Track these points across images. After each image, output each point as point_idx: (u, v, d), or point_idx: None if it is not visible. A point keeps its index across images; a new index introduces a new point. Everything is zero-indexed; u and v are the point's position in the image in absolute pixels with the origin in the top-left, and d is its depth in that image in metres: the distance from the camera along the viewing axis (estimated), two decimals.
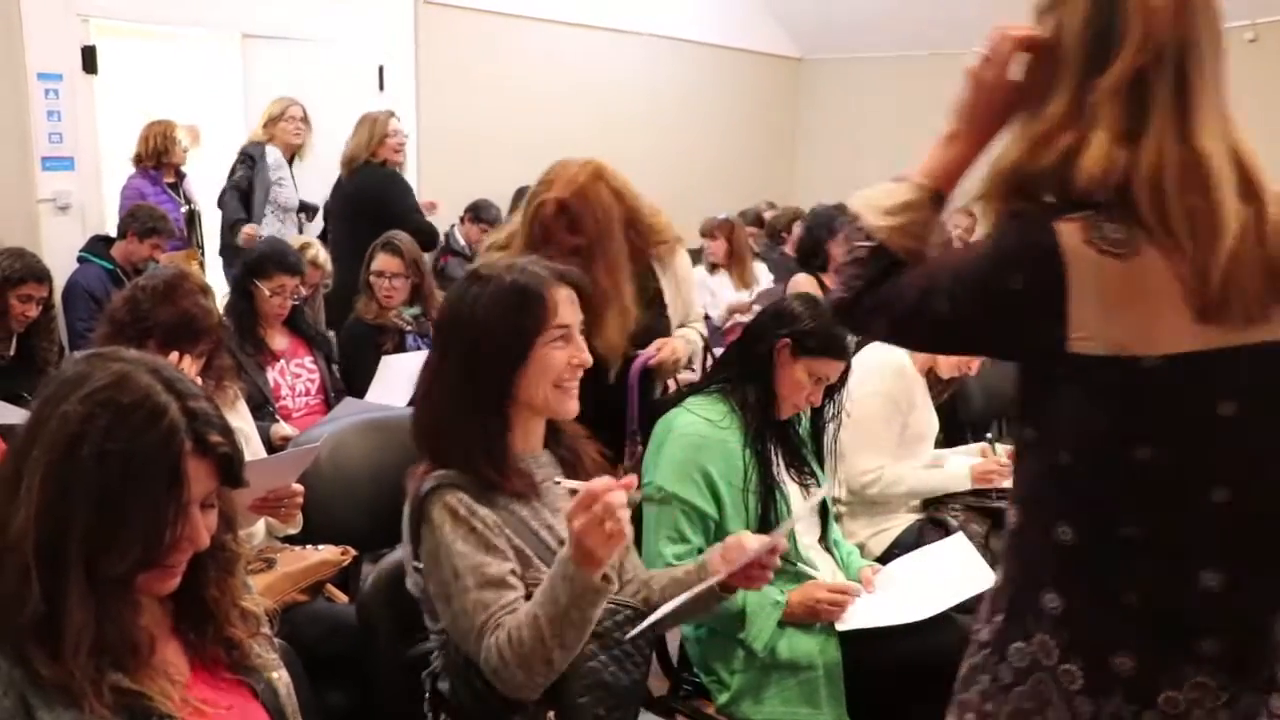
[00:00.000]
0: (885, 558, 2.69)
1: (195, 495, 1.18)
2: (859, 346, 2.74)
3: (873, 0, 7.85)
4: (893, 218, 1.34)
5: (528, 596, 1.57)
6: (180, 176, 5.42)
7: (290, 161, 5.36)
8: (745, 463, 2.23)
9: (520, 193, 6.48)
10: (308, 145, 5.40)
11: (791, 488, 2.34)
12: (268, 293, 3.46)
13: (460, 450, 1.64)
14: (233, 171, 5.31)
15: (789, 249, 6.15)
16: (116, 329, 2.39)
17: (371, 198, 4.76)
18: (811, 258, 4.69)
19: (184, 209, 5.36)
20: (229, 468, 1.21)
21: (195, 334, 2.40)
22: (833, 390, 2.35)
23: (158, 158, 5.24)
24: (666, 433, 2.26)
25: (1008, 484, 2.89)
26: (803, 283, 4.70)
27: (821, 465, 2.46)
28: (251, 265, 3.53)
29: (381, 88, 6.06)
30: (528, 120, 6.75)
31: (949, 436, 4.13)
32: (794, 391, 2.27)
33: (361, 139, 4.81)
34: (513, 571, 1.59)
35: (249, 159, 5.28)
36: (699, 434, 2.22)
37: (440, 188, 6.28)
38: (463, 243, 6.16)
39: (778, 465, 2.31)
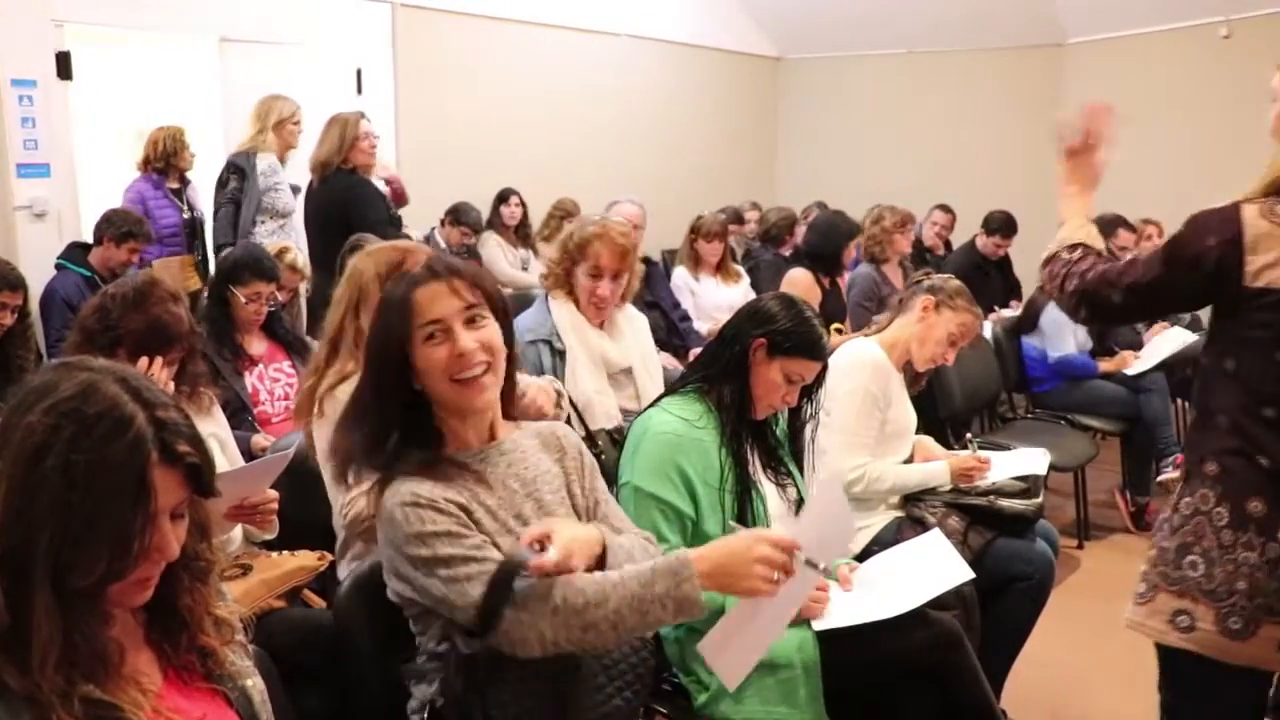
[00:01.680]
0: (864, 555, 2.70)
1: (163, 505, 1.16)
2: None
3: (848, 1, 7.86)
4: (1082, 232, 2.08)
5: None
6: (185, 183, 5.38)
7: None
8: (721, 462, 2.23)
9: (502, 195, 6.51)
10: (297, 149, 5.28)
11: (768, 487, 2.34)
12: (243, 299, 3.46)
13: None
14: (223, 183, 5.14)
15: (787, 250, 6.16)
16: (86, 337, 2.37)
17: (341, 205, 4.57)
18: (820, 259, 4.74)
19: (185, 215, 5.33)
20: (198, 477, 1.20)
21: (166, 341, 2.39)
22: (809, 390, 2.35)
23: (166, 160, 5.22)
24: (643, 432, 2.26)
25: (986, 481, 2.92)
26: (799, 279, 4.72)
27: (798, 465, 2.46)
28: (226, 271, 3.53)
29: (360, 90, 6.07)
30: (507, 122, 6.76)
31: (929, 433, 4.16)
32: (769, 391, 2.27)
33: (332, 143, 4.62)
34: (488, 544, 1.61)
35: (239, 170, 5.12)
36: (675, 433, 2.22)
37: (419, 190, 6.24)
38: (444, 245, 6.15)
39: (754, 464, 2.31)
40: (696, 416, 2.27)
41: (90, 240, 4.81)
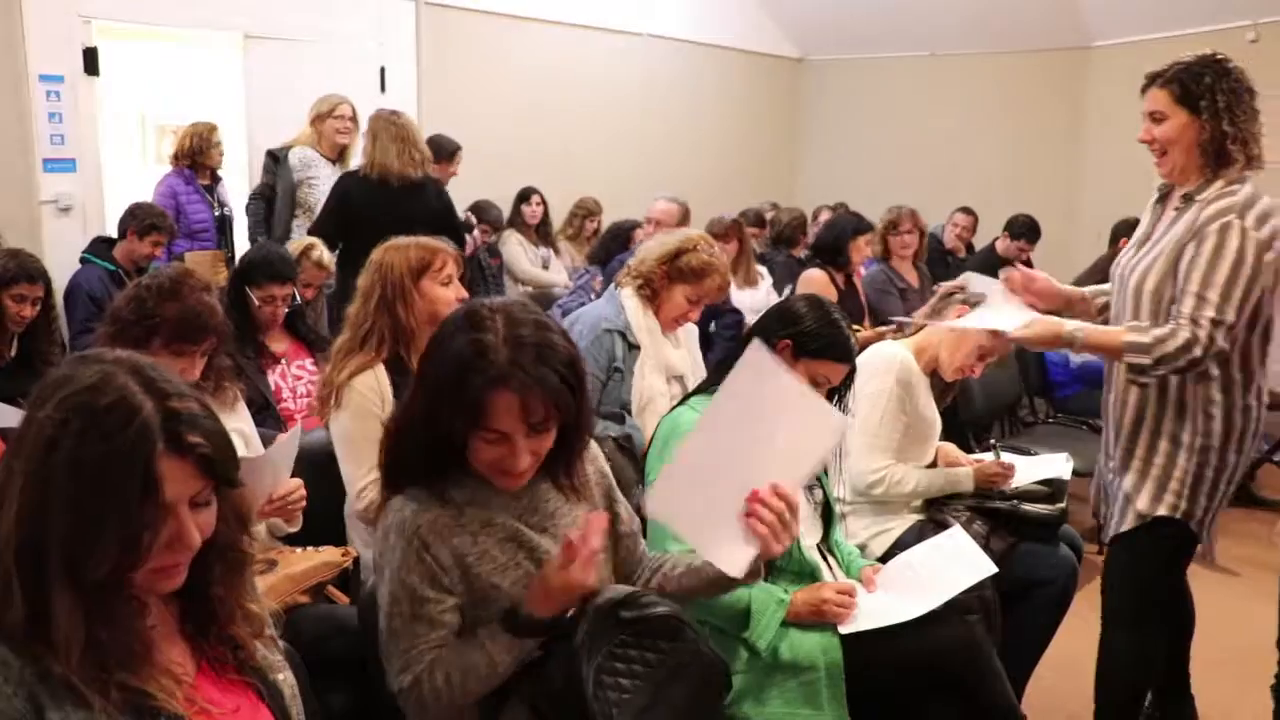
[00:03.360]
0: (887, 558, 2.68)
1: (176, 495, 1.17)
2: (862, 347, 2.75)
3: (872, 2, 7.83)
4: None
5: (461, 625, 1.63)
6: (215, 180, 5.41)
7: (336, 161, 5.20)
8: None
9: (524, 194, 6.52)
10: (354, 145, 5.21)
11: None
12: (257, 301, 3.46)
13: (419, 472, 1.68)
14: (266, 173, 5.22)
15: (800, 251, 6.16)
16: (121, 328, 2.37)
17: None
18: (831, 255, 4.75)
19: (216, 212, 5.36)
20: (212, 467, 1.20)
21: (201, 330, 2.39)
22: (837, 393, 2.35)
23: (192, 158, 5.25)
24: (671, 430, 2.27)
25: (1009, 486, 2.91)
26: (815, 278, 4.73)
27: (825, 467, 2.45)
28: (242, 272, 3.54)
29: (384, 88, 6.09)
30: (529, 120, 6.77)
31: (950, 437, 4.14)
32: None
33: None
34: (456, 608, 1.63)
35: (274, 160, 5.17)
36: None
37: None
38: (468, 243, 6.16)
39: None
40: None
41: (114, 235, 4.86)
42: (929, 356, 3.00)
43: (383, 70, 6.12)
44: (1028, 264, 6.12)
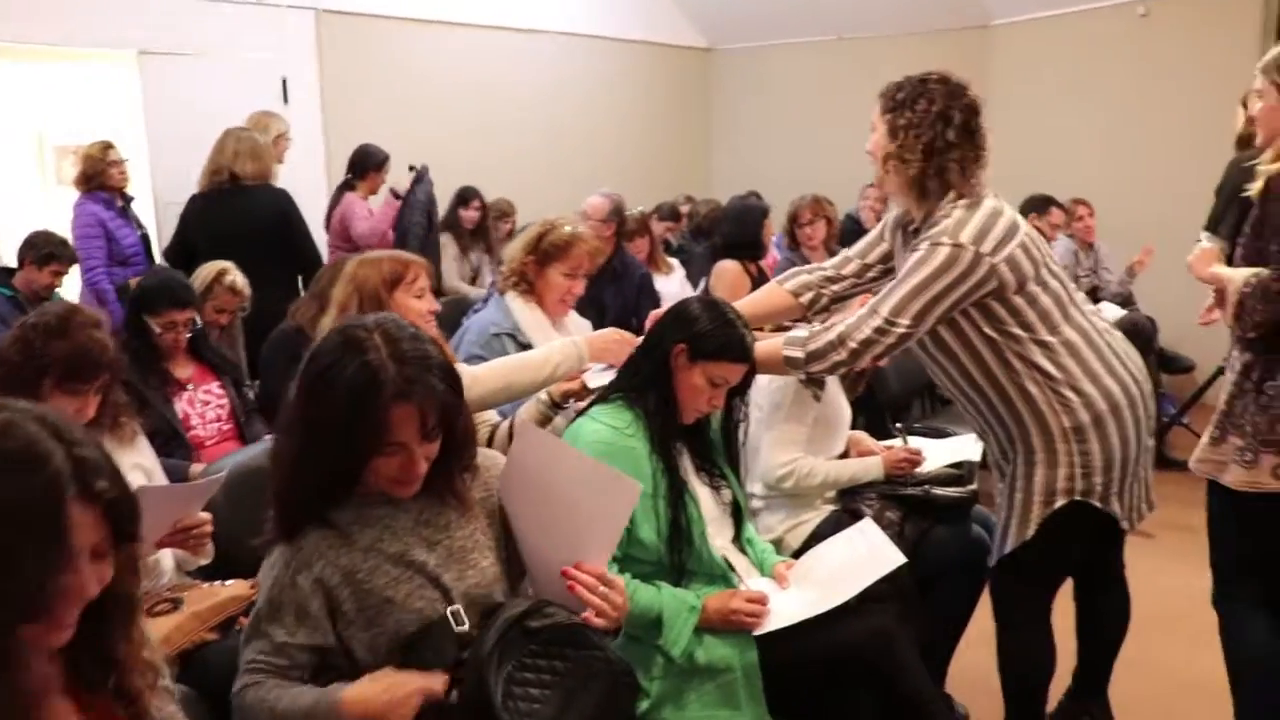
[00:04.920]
0: (803, 551, 2.71)
1: (81, 544, 1.15)
2: None
3: None
4: None
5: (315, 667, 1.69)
6: (127, 200, 5.26)
7: None
8: (653, 469, 2.24)
9: (462, 195, 6.41)
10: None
11: (702, 491, 2.35)
12: (157, 329, 3.38)
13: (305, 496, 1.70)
14: None
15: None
16: (10, 369, 2.31)
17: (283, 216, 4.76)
18: (741, 246, 4.75)
19: (140, 233, 5.24)
20: (118, 516, 1.18)
21: (93, 367, 2.35)
22: (738, 391, 2.36)
23: (89, 181, 5.06)
24: (573, 442, 2.25)
25: (920, 471, 2.95)
26: (727, 269, 4.73)
27: (733, 466, 2.47)
28: (140, 300, 3.45)
29: (286, 99, 5.99)
30: (434, 123, 6.71)
31: (868, 420, 4.19)
32: (694, 396, 2.27)
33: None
34: (306, 648, 1.67)
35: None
36: (605, 442, 2.22)
37: None
38: None
39: (685, 469, 2.32)
40: (625, 424, 2.27)
41: (10, 263, 4.73)
42: None
43: (284, 81, 6.04)
44: None
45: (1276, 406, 2.32)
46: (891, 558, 2.27)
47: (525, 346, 3.04)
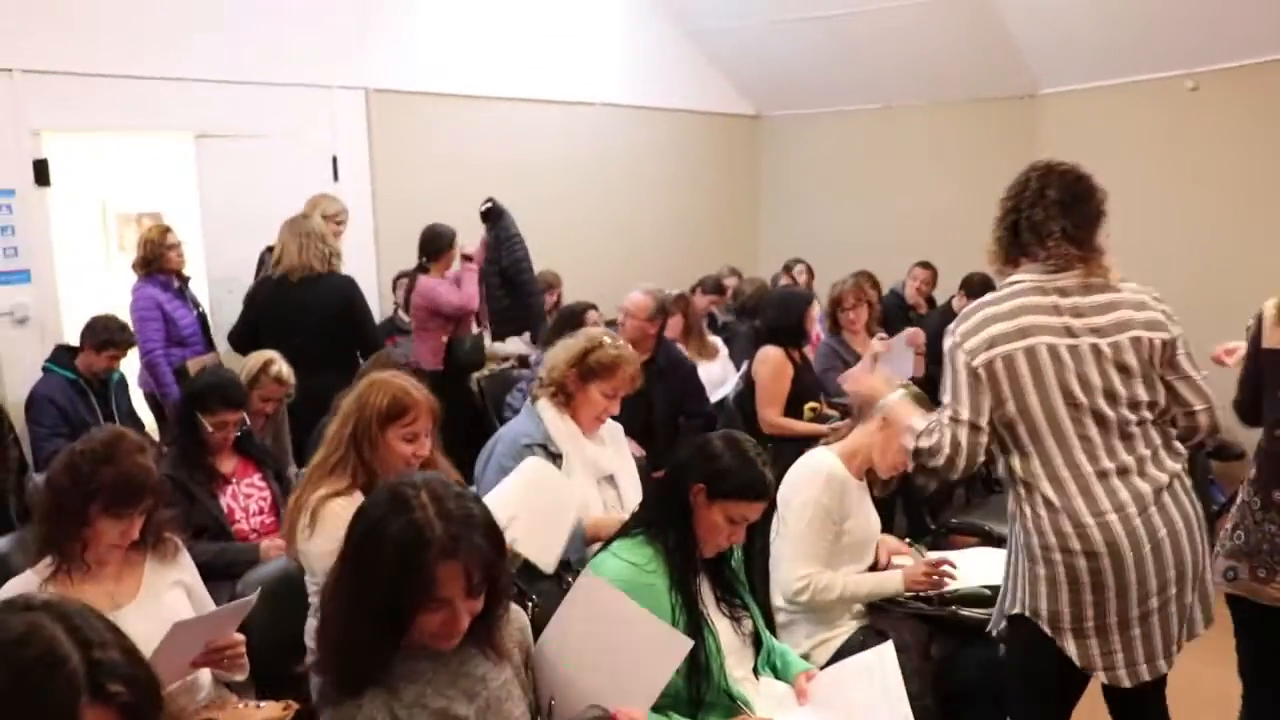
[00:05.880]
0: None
1: None
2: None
3: (823, 56, 7.92)
4: None
5: None
6: (184, 280, 5.41)
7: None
8: (673, 605, 2.27)
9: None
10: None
11: (722, 623, 2.38)
12: (209, 427, 3.48)
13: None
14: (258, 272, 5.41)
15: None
16: (60, 495, 2.40)
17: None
18: (785, 331, 4.78)
19: (196, 313, 5.39)
20: (133, 713, 1.24)
21: (138, 492, 2.41)
22: (759, 525, 2.39)
23: (149, 265, 5.19)
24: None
25: (950, 586, 2.93)
26: (770, 356, 4.74)
27: (755, 593, 2.49)
28: (193, 397, 3.55)
29: (336, 177, 6.14)
30: (483, 195, 6.80)
31: (909, 518, 4.18)
32: (713, 533, 2.31)
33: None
34: None
35: (262, 262, 5.38)
36: (625, 580, 2.24)
37: (399, 267, 6.35)
38: (406, 318, 6.22)
39: (705, 602, 2.35)
40: (646, 560, 2.30)
41: (73, 343, 4.89)
42: (861, 459, 3.05)
43: (335, 160, 6.18)
44: None
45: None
46: (898, 715, 2.27)
47: (556, 457, 3.11)
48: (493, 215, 5.81)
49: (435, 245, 5.71)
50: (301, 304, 4.75)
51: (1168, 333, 2.42)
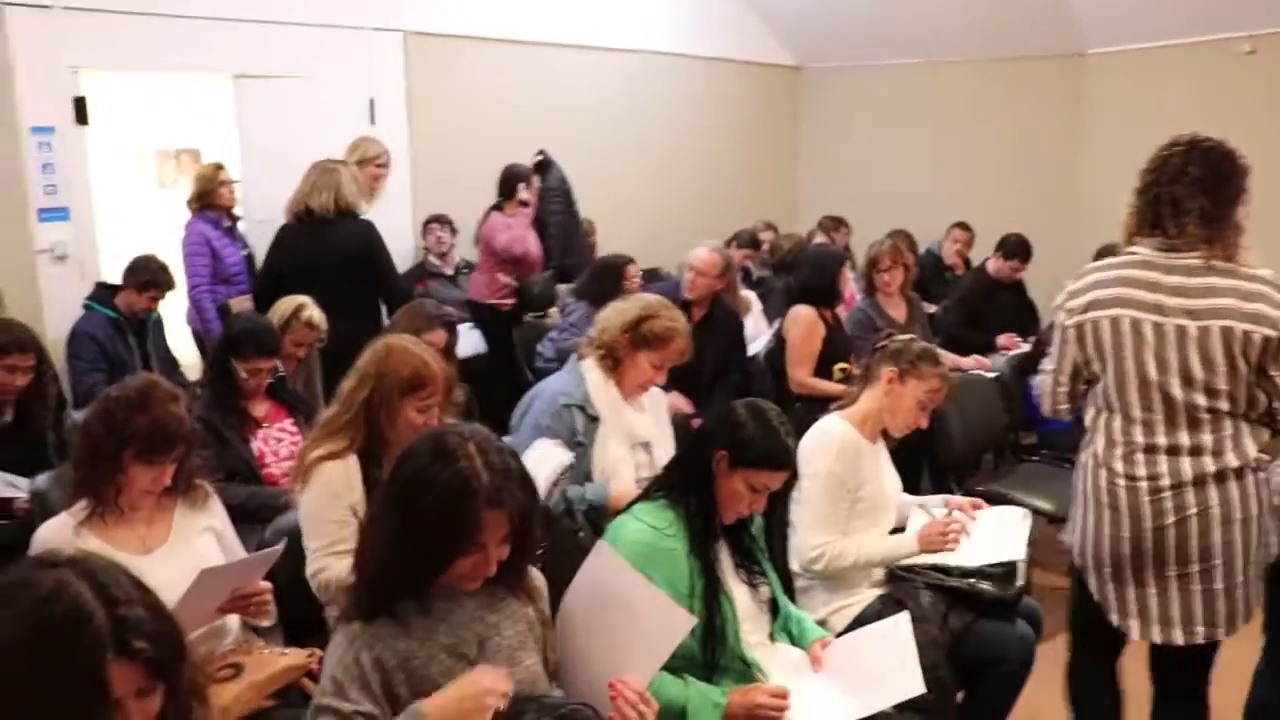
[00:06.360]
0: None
1: (124, 693, 1.26)
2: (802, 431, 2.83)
3: (869, 8, 7.77)
4: None
5: None
6: (234, 219, 5.47)
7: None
8: (691, 570, 2.29)
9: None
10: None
11: (740, 589, 2.40)
12: (243, 374, 3.52)
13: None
14: None
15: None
16: (94, 441, 2.45)
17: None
18: (818, 291, 4.76)
19: (243, 253, 5.44)
20: (158, 667, 1.30)
21: (170, 441, 2.46)
22: (780, 493, 2.40)
23: (202, 200, 5.28)
24: (615, 541, 2.32)
25: (969, 563, 2.92)
26: (802, 315, 4.72)
27: (774, 560, 2.51)
28: (229, 343, 3.59)
29: (373, 120, 6.12)
30: (521, 144, 6.77)
31: (934, 481, 4.17)
32: (734, 501, 2.32)
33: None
34: (370, 716, 1.73)
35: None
36: (645, 543, 2.28)
37: (434, 211, 6.36)
38: (437, 262, 6.25)
39: (724, 568, 2.37)
40: (666, 524, 2.32)
41: (113, 281, 4.96)
42: (873, 423, 3.05)
43: (372, 102, 6.16)
44: (1019, 285, 6.13)
45: None
46: (911, 682, 2.28)
47: (593, 419, 3.14)
48: (540, 167, 5.93)
49: (508, 185, 5.87)
50: (320, 248, 4.71)
51: (1274, 330, 2.37)
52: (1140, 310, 2.43)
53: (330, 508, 2.58)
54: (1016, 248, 5.98)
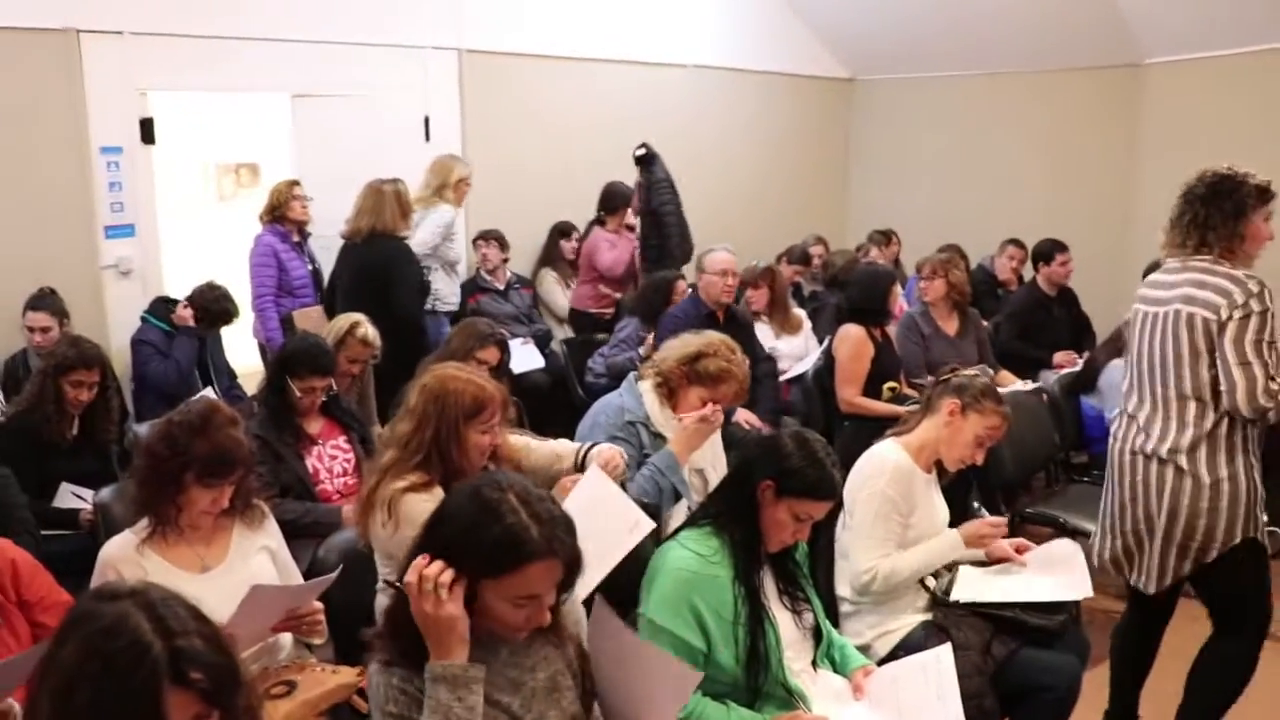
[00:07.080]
0: (890, 659, 2.74)
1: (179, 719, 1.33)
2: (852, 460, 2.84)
3: (922, 20, 7.73)
4: None
5: None
6: (304, 235, 5.62)
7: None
8: (735, 596, 2.31)
9: (561, 229, 6.65)
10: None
11: (783, 616, 2.42)
12: (298, 392, 3.61)
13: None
14: None
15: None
16: (157, 462, 2.52)
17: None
18: (868, 312, 4.77)
19: (309, 268, 5.58)
20: (213, 697, 1.36)
21: (229, 465, 2.53)
22: (825, 522, 2.42)
23: (272, 213, 5.45)
24: (660, 566, 2.35)
25: (1022, 597, 2.90)
26: (851, 334, 4.71)
27: (818, 588, 2.52)
28: (284, 362, 3.67)
29: (428, 138, 6.23)
30: (574, 160, 6.86)
31: (985, 500, 4.14)
32: (779, 530, 2.34)
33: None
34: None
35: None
36: (690, 570, 2.31)
37: (489, 226, 6.44)
38: (488, 278, 6.34)
39: (767, 594, 2.39)
40: (711, 552, 2.35)
41: (171, 295, 5.10)
42: (929, 453, 3.05)
43: (426, 120, 6.26)
44: (1069, 294, 6.06)
45: None
46: (951, 716, 2.29)
47: (658, 436, 3.21)
48: (645, 160, 6.04)
49: (611, 202, 6.26)
50: (351, 267, 4.96)
51: (1216, 315, 2.80)
52: (1144, 304, 3.06)
53: None
54: (1046, 251, 5.95)
